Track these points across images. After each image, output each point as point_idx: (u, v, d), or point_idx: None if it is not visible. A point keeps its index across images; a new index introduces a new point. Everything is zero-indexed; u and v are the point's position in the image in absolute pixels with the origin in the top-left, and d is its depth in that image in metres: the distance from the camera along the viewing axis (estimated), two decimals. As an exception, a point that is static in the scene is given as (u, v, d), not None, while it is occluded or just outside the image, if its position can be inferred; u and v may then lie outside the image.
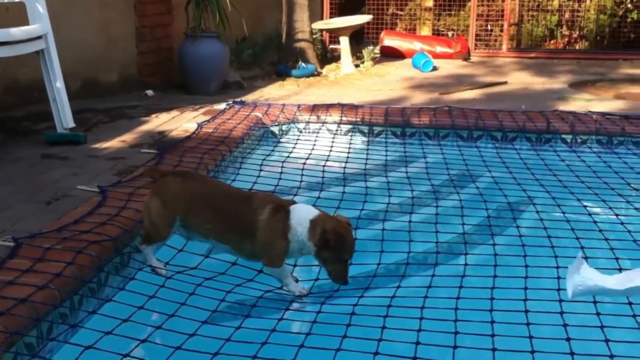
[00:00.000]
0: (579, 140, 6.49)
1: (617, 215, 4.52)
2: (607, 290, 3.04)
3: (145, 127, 6.52)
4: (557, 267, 3.58)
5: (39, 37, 5.73)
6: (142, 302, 3.21)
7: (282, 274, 3.47)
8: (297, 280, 3.63)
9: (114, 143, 5.87)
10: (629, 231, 4.18)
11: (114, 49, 8.31)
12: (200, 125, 6.30)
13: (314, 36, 11.47)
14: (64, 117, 5.92)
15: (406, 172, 5.68)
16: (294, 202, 3.52)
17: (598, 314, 3.14)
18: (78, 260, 3.26)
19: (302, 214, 3.39)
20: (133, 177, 4.67)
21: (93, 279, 3.29)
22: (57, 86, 5.89)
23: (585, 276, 3.05)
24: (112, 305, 3.23)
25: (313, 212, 3.41)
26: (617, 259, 3.70)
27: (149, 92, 8.37)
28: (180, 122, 6.72)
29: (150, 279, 3.48)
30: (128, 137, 6.08)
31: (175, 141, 5.81)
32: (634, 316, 3.10)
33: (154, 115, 7.06)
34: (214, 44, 8.57)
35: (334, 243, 3.27)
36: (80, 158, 5.37)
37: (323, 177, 5.40)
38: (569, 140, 6.50)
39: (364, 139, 6.85)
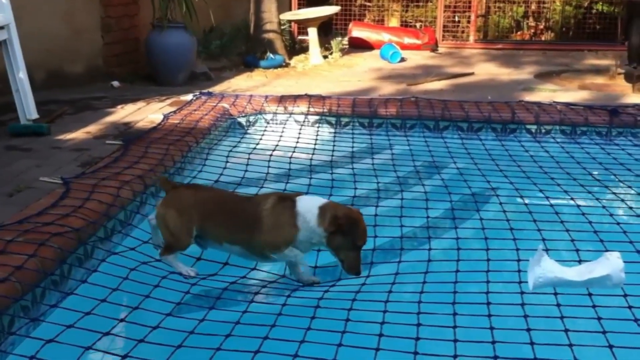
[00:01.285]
0: (543, 131, 6.56)
1: (578, 205, 4.57)
2: (567, 282, 3.09)
3: (110, 118, 6.46)
4: (519, 260, 3.61)
5: (1, 28, 5.65)
6: (105, 295, 3.18)
7: (297, 257, 3.44)
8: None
9: (79, 134, 5.81)
10: (590, 222, 4.22)
11: (79, 39, 8.22)
12: (166, 116, 6.26)
13: (282, 27, 11.44)
14: (28, 109, 5.85)
15: (372, 163, 5.70)
16: (301, 194, 3.52)
17: (558, 304, 3.16)
18: (40, 253, 3.23)
19: (310, 201, 3.40)
20: (97, 168, 4.63)
21: (55, 272, 3.26)
22: (20, 77, 5.81)
23: (545, 268, 3.09)
24: (74, 298, 3.21)
25: (321, 200, 3.42)
26: (577, 250, 3.73)
27: (115, 83, 8.31)
28: (146, 113, 6.68)
29: (113, 271, 3.45)
30: (93, 129, 6.02)
31: (140, 132, 5.77)
32: (594, 307, 3.14)
33: (119, 107, 7.00)
34: (181, 35, 8.51)
35: (346, 227, 3.25)
36: (44, 149, 5.31)
37: (290, 168, 5.40)
38: (533, 131, 6.57)
39: (331, 129, 6.86)
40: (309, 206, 3.35)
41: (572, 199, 4.72)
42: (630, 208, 4.68)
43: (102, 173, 4.48)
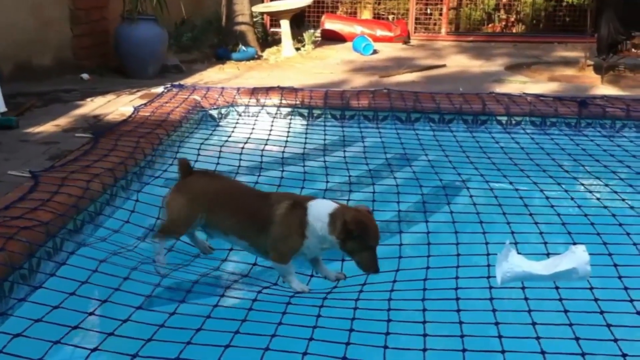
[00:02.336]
0: (514, 122, 6.61)
1: (547, 197, 4.60)
2: (535, 276, 3.12)
3: (80, 111, 6.40)
4: (488, 255, 3.60)
5: (-32, 19, 5.58)
6: (74, 288, 3.16)
7: (288, 270, 3.42)
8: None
9: (48, 127, 5.75)
10: (558, 214, 4.25)
11: (47, 31, 8.12)
12: (136, 109, 6.21)
13: (255, 19, 11.41)
14: (-5, 102, 5.79)
15: (344, 155, 5.70)
16: (313, 198, 3.48)
17: (526, 298, 3.19)
18: (8, 247, 3.19)
19: (321, 209, 3.34)
20: (66, 161, 4.59)
21: (24, 265, 3.23)
22: (-13, 70, 5.74)
23: (513, 263, 3.12)
24: (43, 291, 3.18)
25: (332, 206, 3.36)
26: (545, 243, 3.76)
27: (85, 76, 8.22)
28: (117, 105, 6.62)
29: (82, 264, 3.42)
30: (62, 121, 5.96)
31: (110, 125, 5.72)
32: (560, 300, 3.16)
33: (89, 99, 6.94)
34: (151, 27, 8.45)
35: (356, 232, 3.23)
36: (12, 143, 5.25)
37: (262, 161, 5.38)
38: (503, 122, 6.62)
39: (304, 121, 6.85)
40: (319, 214, 3.31)
41: (541, 190, 4.76)
42: (598, 199, 4.73)
43: (72, 166, 4.44)
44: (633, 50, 9.40)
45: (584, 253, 3.08)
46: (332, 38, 12.59)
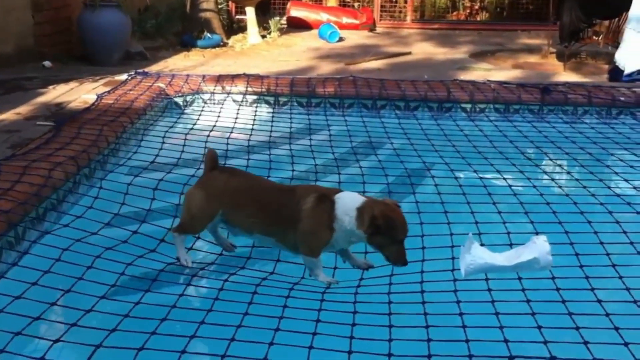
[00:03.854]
0: (478, 109, 6.66)
1: (510, 186, 4.63)
2: (498, 267, 3.15)
3: (41, 99, 6.31)
4: (452, 247, 3.61)
5: None
6: (36, 278, 3.12)
7: (317, 264, 3.39)
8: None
9: (9, 115, 5.66)
10: (521, 202, 4.28)
11: (8, 18, 7.96)
12: (100, 97, 6.13)
13: (220, 6, 11.33)
14: (-46, 90, 5.68)
15: (310, 143, 5.70)
16: (340, 191, 3.43)
17: (489, 290, 3.22)
18: (-32, 238, 3.15)
19: (348, 203, 3.30)
20: (28, 150, 4.52)
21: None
22: (-54, 57, 5.63)
23: (475, 255, 3.14)
24: (4, 282, 3.14)
25: (359, 200, 3.32)
26: (508, 233, 3.78)
27: (47, 63, 8.10)
28: (79, 93, 6.53)
29: (45, 253, 3.38)
30: (23, 109, 5.87)
31: (73, 113, 5.65)
32: (523, 290, 3.20)
33: (51, 87, 6.83)
34: (114, 14, 8.36)
35: (384, 227, 3.19)
36: (-28, 131, 5.17)
37: (227, 149, 5.35)
38: (468, 109, 6.67)
39: (270, 109, 6.83)
40: (347, 208, 3.27)
41: (504, 178, 4.79)
42: (560, 187, 4.79)
43: (33, 155, 4.38)
44: (594, 37, 9.54)
45: (545, 243, 3.12)
46: (298, 25, 12.56)
